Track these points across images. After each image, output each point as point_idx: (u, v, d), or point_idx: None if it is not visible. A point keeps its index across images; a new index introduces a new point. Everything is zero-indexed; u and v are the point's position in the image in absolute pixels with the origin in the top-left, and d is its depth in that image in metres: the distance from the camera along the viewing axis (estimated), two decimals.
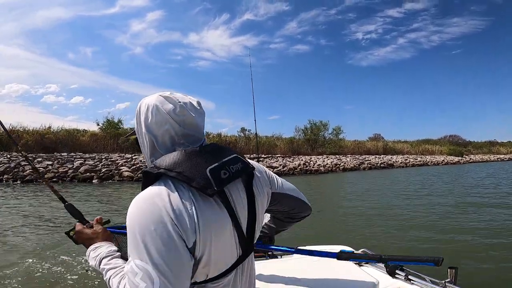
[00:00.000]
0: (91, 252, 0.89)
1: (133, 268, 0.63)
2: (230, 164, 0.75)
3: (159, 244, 0.62)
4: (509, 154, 48.18)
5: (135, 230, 0.64)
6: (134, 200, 0.68)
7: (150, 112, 0.76)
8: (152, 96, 0.79)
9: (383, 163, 26.66)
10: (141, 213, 0.64)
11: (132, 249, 0.64)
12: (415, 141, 44.30)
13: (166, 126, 0.75)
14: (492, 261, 3.50)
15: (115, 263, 0.81)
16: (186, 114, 0.76)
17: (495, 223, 5.33)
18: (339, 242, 1.99)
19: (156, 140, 0.77)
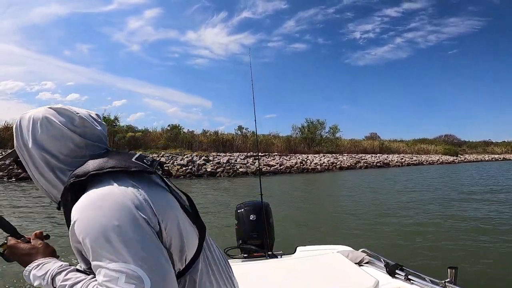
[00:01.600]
0: (34, 271, 0.71)
1: (111, 274, 0.56)
2: (144, 157, 0.74)
3: (135, 237, 0.58)
4: (504, 154, 48.65)
5: (100, 232, 0.57)
6: (80, 207, 0.61)
7: (38, 127, 0.70)
8: (38, 109, 0.73)
9: (379, 162, 26.80)
10: (100, 214, 0.59)
11: (102, 254, 0.57)
12: (411, 140, 44.61)
13: (64, 140, 0.70)
14: (492, 261, 3.50)
15: (76, 278, 0.67)
16: (88, 125, 0.74)
17: (495, 223, 5.33)
18: (339, 242, 1.99)
19: (52, 156, 0.70)
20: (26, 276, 0.72)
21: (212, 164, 17.33)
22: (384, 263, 1.51)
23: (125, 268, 0.55)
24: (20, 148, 0.73)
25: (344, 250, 1.75)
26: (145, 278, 0.55)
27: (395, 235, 4.73)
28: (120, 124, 22.68)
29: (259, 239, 2.06)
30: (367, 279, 1.34)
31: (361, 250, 1.70)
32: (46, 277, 0.68)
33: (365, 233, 4.91)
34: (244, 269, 1.52)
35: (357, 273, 1.43)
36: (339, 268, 1.50)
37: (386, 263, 1.50)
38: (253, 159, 19.84)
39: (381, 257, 1.57)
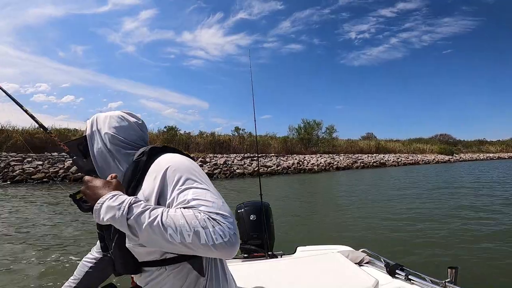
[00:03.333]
0: (109, 202, 0.70)
1: (199, 192, 0.72)
2: None
3: (205, 175, 0.80)
4: (498, 153, 49.09)
5: (188, 166, 0.78)
6: (168, 158, 0.82)
7: (115, 120, 0.95)
8: (112, 111, 0.99)
9: (376, 162, 26.92)
10: (186, 160, 0.81)
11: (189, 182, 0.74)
12: (407, 140, 44.86)
13: (131, 130, 0.95)
14: (492, 261, 3.51)
15: (155, 205, 0.73)
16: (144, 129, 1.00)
17: (495, 222, 5.34)
18: (339, 242, 1.99)
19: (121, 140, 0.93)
20: (97, 209, 0.71)
21: (209, 166, 17.28)
22: (384, 263, 1.51)
23: (209, 188, 0.74)
24: (93, 134, 0.94)
25: (344, 250, 1.75)
26: (218, 196, 0.73)
27: (395, 235, 4.74)
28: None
29: (259, 239, 2.06)
30: (367, 279, 1.34)
31: (361, 250, 1.70)
32: (123, 206, 0.69)
33: (365, 233, 4.92)
34: (244, 269, 1.52)
35: (357, 273, 1.44)
36: (339, 268, 1.50)
37: (386, 263, 1.50)
38: (250, 160, 19.82)
39: (381, 257, 1.57)
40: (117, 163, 0.89)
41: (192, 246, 0.64)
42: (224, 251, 0.65)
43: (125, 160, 0.89)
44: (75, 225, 5.53)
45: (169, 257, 0.79)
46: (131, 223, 0.67)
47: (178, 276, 0.80)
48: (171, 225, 0.65)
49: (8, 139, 17.12)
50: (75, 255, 3.85)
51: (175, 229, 0.64)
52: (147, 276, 0.83)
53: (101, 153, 0.91)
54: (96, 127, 0.94)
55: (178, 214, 0.66)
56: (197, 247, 0.64)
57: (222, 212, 0.68)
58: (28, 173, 13.07)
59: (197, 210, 0.67)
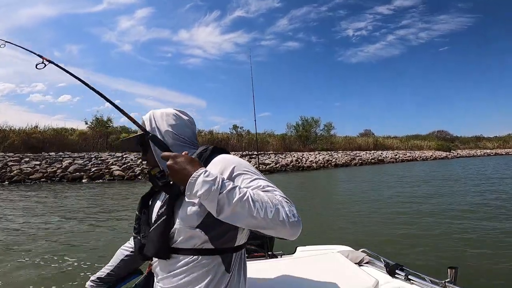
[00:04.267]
0: (203, 176, 0.74)
1: (267, 181, 0.83)
2: None
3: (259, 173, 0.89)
4: (496, 149, 49.33)
5: (248, 164, 0.88)
6: (233, 156, 0.91)
7: (172, 117, 1.02)
8: (167, 109, 1.06)
9: (374, 158, 27.00)
10: (243, 160, 0.90)
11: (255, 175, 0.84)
12: (404, 137, 45.00)
13: (186, 127, 1.03)
14: (492, 260, 3.51)
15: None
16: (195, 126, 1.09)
17: (495, 222, 5.34)
18: (339, 242, 2.00)
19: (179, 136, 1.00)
20: (192, 182, 0.75)
21: None
22: (384, 263, 1.52)
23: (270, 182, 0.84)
24: (153, 131, 1.00)
25: (344, 250, 1.75)
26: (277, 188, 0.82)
27: (395, 235, 4.74)
28: (113, 125, 22.45)
29: (259, 239, 2.06)
30: (367, 279, 1.34)
31: (361, 250, 1.70)
32: (217, 181, 0.74)
33: (365, 233, 4.93)
34: None
35: (357, 273, 1.44)
36: (339, 268, 1.50)
37: (386, 263, 1.50)
38: (248, 158, 19.82)
39: (381, 257, 1.57)
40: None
41: (271, 222, 0.73)
42: (295, 228, 0.75)
43: None
44: (72, 224, 5.51)
45: (206, 247, 0.84)
46: (221, 197, 0.72)
47: (207, 268, 0.84)
48: (258, 201, 0.73)
49: (5, 139, 17.02)
50: (74, 253, 3.84)
51: (261, 205, 0.72)
52: (173, 263, 0.85)
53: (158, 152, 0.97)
54: (155, 124, 1.01)
55: (262, 194, 0.75)
56: (275, 223, 0.73)
57: (288, 199, 0.79)
58: (25, 173, 13.00)
59: (273, 193, 0.78)
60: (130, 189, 10.96)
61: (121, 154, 17.21)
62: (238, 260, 0.90)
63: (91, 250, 4.07)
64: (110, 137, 20.10)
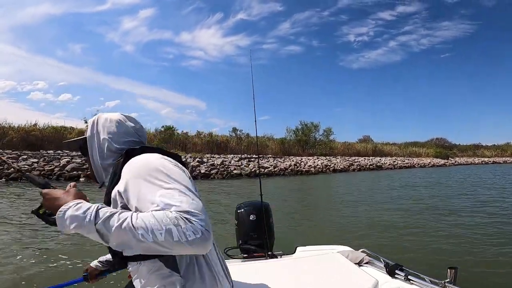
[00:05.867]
0: (71, 211, 0.69)
1: (167, 193, 0.72)
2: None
3: (176, 171, 0.79)
4: (493, 158, 49.50)
5: (155, 167, 0.78)
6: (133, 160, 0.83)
7: (114, 124, 0.98)
8: (113, 113, 1.02)
9: (372, 164, 27.03)
10: (154, 159, 0.81)
11: (156, 183, 0.74)
12: (403, 144, 45.09)
13: (127, 135, 0.99)
14: (492, 261, 3.52)
15: (121, 209, 0.74)
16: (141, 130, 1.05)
17: (494, 223, 5.36)
18: (339, 242, 2.00)
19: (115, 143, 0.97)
20: (60, 217, 0.70)
21: (206, 166, 17.24)
22: (384, 263, 1.52)
23: (178, 187, 0.73)
24: (92, 137, 0.99)
25: (344, 250, 1.76)
26: (189, 194, 0.73)
27: (395, 235, 4.75)
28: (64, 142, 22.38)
29: (259, 239, 2.06)
30: (367, 279, 1.35)
31: (361, 250, 1.71)
32: (90, 212, 0.68)
33: (365, 233, 4.93)
34: (244, 269, 1.52)
35: (357, 273, 1.45)
36: (339, 268, 1.51)
37: (386, 263, 1.51)
38: (247, 161, 19.82)
39: (381, 257, 1.58)
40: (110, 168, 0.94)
41: (165, 244, 0.65)
42: (197, 246, 0.67)
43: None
44: None
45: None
46: (100, 228, 0.66)
47: (155, 272, 0.81)
48: (142, 225, 0.65)
49: (4, 136, 16.96)
50: (70, 251, 3.82)
51: (147, 229, 0.64)
52: (132, 270, 0.88)
53: (98, 157, 0.97)
54: (95, 129, 0.99)
55: (148, 215, 0.67)
56: (171, 244, 0.65)
57: (191, 209, 0.68)
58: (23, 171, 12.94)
59: (167, 210, 0.68)
60: None
61: None
62: (193, 261, 0.83)
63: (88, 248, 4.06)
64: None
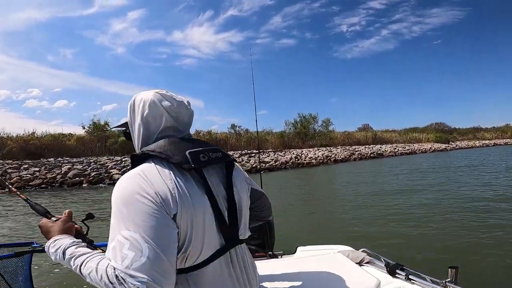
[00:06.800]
0: (50, 248, 0.80)
1: (119, 240, 0.64)
2: (210, 151, 0.83)
3: (144, 212, 0.66)
4: (494, 140, 49.41)
5: (119, 202, 0.68)
6: (120, 179, 0.74)
7: (147, 107, 0.85)
8: (148, 92, 0.88)
9: (373, 153, 27.03)
10: (124, 187, 0.70)
11: (118, 223, 0.67)
12: (403, 130, 45.01)
13: (161, 119, 0.85)
14: (493, 260, 3.51)
15: (84, 250, 0.75)
16: (180, 111, 0.87)
17: (496, 221, 5.32)
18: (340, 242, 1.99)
19: (149, 131, 0.85)
20: (46, 252, 0.82)
21: None
22: (384, 263, 1.51)
23: (133, 235, 0.64)
24: (131, 122, 0.89)
25: (344, 250, 1.75)
26: (144, 248, 0.63)
27: (396, 235, 4.74)
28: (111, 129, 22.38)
29: (259, 239, 2.06)
30: (367, 279, 1.34)
31: (362, 250, 1.70)
32: (58, 252, 0.77)
33: (365, 232, 4.93)
34: None
35: (357, 273, 1.44)
36: (340, 268, 1.50)
37: (386, 263, 1.50)
38: (248, 157, 19.83)
39: (381, 257, 1.57)
40: None
41: None
42: None
43: None
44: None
45: None
46: (66, 264, 0.75)
47: None
48: (86, 275, 0.69)
49: (3, 147, 16.97)
50: None
51: (91, 279, 0.68)
52: None
53: (135, 145, 0.90)
54: (131, 114, 0.89)
55: (93, 267, 0.68)
56: None
57: (132, 272, 0.61)
58: (25, 180, 12.99)
59: (109, 264, 0.65)
60: None
61: (120, 158, 17.18)
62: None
63: None
64: (108, 141, 20.06)
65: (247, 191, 0.95)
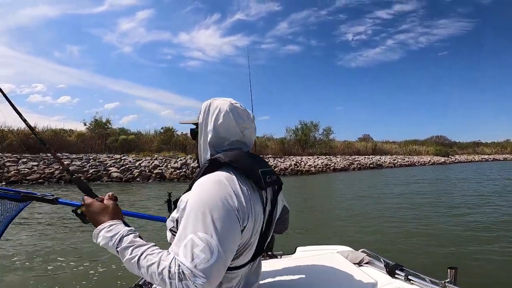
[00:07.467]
0: (104, 232, 0.79)
1: (194, 241, 0.67)
2: (271, 173, 0.91)
3: (225, 220, 0.70)
4: (493, 155, 49.46)
5: (203, 204, 0.71)
6: (202, 181, 0.77)
7: (221, 115, 0.89)
8: (225, 101, 0.92)
9: (372, 163, 27.02)
10: (210, 191, 0.73)
11: (196, 223, 0.69)
12: (403, 142, 45.05)
13: (232, 131, 0.90)
14: (492, 261, 3.52)
15: (141, 241, 0.76)
16: (249, 127, 0.94)
17: (495, 222, 5.35)
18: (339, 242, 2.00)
19: (218, 138, 0.90)
20: (96, 234, 0.81)
21: None
22: (384, 263, 1.52)
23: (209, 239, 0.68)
24: (202, 124, 0.93)
25: (344, 250, 1.75)
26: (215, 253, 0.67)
27: (395, 235, 4.75)
28: (112, 127, 22.40)
29: None
30: (367, 280, 1.35)
31: (361, 250, 1.70)
32: (115, 238, 0.77)
33: (365, 233, 4.93)
34: None
35: (356, 273, 1.44)
36: (339, 269, 1.50)
37: (386, 263, 1.51)
38: None
39: (381, 257, 1.58)
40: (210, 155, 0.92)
41: (158, 285, 0.70)
42: None
43: None
44: (70, 226, 5.48)
45: None
46: (119, 252, 0.75)
47: None
48: (144, 267, 0.70)
49: (3, 140, 16.96)
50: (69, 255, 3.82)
51: (146, 271, 0.69)
52: None
53: (201, 148, 0.94)
54: (205, 117, 0.93)
55: (156, 260, 0.69)
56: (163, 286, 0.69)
57: (196, 271, 0.65)
58: (23, 174, 12.95)
59: (176, 259, 0.67)
60: (128, 191, 10.92)
61: (120, 156, 17.16)
62: None
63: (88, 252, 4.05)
64: (109, 139, 20.05)
65: (280, 210, 1.07)
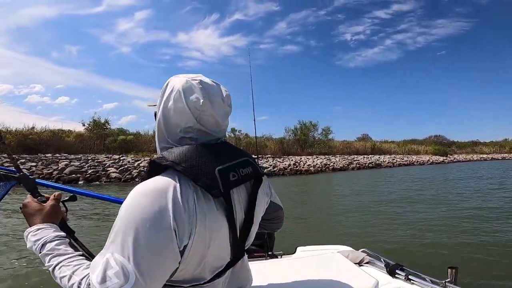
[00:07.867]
0: (30, 235, 0.74)
1: (109, 262, 0.57)
2: (240, 167, 0.72)
3: (151, 243, 0.58)
4: (492, 154, 49.61)
5: (128, 221, 0.59)
6: (135, 190, 0.63)
7: (172, 96, 0.72)
8: (182, 78, 0.73)
9: (371, 163, 27.06)
10: (139, 206, 0.60)
11: (115, 242, 0.59)
12: (402, 141, 45.15)
13: (183, 116, 0.71)
14: (492, 260, 3.53)
15: (63, 250, 0.70)
16: (207, 110, 0.71)
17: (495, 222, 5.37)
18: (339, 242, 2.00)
19: (168, 126, 0.74)
20: (24, 237, 0.76)
21: None
22: (384, 263, 1.52)
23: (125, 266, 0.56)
24: (158, 107, 0.76)
25: (344, 250, 1.75)
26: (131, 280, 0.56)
27: (395, 235, 4.75)
28: (111, 128, 22.35)
29: (259, 239, 2.05)
30: (367, 279, 1.34)
31: (361, 250, 1.70)
32: (38, 243, 0.72)
33: (365, 233, 4.94)
34: None
35: (357, 273, 1.44)
36: (339, 268, 1.50)
37: (386, 263, 1.51)
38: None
39: (381, 257, 1.58)
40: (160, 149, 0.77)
41: None
42: None
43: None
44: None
45: None
46: (41, 258, 0.71)
47: None
48: (57, 278, 0.66)
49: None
50: None
51: (60, 282, 0.66)
52: None
53: (156, 134, 0.78)
54: (161, 97, 0.76)
55: (68, 273, 0.64)
56: None
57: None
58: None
59: (88, 277, 0.60)
60: (127, 191, 10.90)
61: (118, 156, 17.13)
62: None
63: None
64: (107, 139, 20.01)
65: (265, 207, 0.90)
